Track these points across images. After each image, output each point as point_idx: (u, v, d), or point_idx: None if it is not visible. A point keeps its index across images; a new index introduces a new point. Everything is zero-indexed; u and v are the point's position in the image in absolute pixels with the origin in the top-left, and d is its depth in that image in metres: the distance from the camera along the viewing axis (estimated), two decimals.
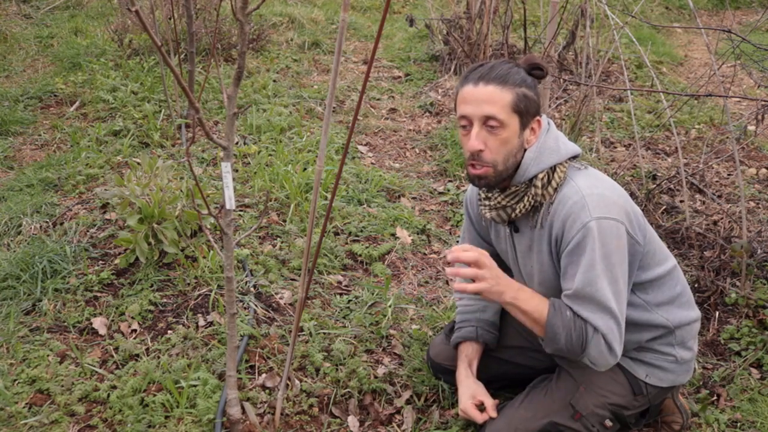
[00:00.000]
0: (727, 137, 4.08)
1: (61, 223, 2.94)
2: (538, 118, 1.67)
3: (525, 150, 1.66)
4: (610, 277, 1.58)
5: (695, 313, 1.82)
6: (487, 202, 1.75)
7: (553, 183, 1.65)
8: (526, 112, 1.63)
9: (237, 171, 3.46)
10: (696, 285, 2.59)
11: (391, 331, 2.39)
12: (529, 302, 1.63)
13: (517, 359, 2.02)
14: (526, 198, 1.67)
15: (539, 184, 1.65)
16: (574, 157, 1.71)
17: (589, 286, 1.58)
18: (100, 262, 2.69)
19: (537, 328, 1.66)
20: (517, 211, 1.69)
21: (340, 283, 2.69)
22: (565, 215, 1.61)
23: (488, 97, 1.59)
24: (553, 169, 1.66)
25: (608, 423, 1.78)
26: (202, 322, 2.37)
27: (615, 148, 4.13)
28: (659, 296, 1.74)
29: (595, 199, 1.59)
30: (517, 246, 1.80)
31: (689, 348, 1.81)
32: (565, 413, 1.75)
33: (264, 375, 2.15)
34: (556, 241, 1.66)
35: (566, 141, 1.71)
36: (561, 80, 4.13)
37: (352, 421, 2.01)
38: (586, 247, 1.57)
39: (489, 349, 2.02)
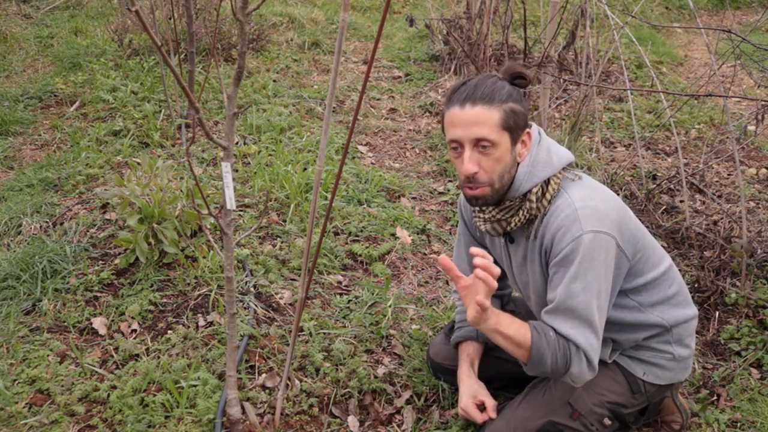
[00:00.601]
0: (727, 137, 4.08)
1: (61, 223, 2.94)
2: (527, 130, 1.66)
3: (518, 164, 1.66)
4: (597, 291, 1.59)
5: (692, 311, 1.82)
6: (481, 215, 1.74)
7: (548, 195, 1.65)
8: (516, 127, 1.62)
9: (237, 171, 3.46)
10: (696, 285, 2.59)
11: (391, 331, 2.39)
12: (511, 326, 1.61)
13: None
14: (521, 212, 1.68)
15: (534, 198, 1.65)
16: (569, 164, 1.71)
17: (572, 298, 1.58)
18: (100, 262, 2.69)
19: (520, 352, 1.63)
20: (512, 224, 1.70)
21: (340, 283, 2.69)
22: (556, 227, 1.61)
23: (476, 119, 1.58)
24: (546, 181, 1.66)
25: (607, 422, 1.78)
26: (202, 322, 2.37)
27: (615, 148, 4.13)
28: (653, 297, 1.75)
29: (588, 212, 1.59)
30: (512, 257, 1.81)
31: (687, 345, 1.81)
32: (564, 412, 1.75)
33: (264, 375, 2.15)
34: (545, 252, 1.66)
35: (558, 150, 1.70)
36: (561, 80, 4.13)
37: (352, 421, 2.01)
38: (575, 259, 1.57)
39: (489, 348, 2.02)
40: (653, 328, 1.76)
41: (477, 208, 1.75)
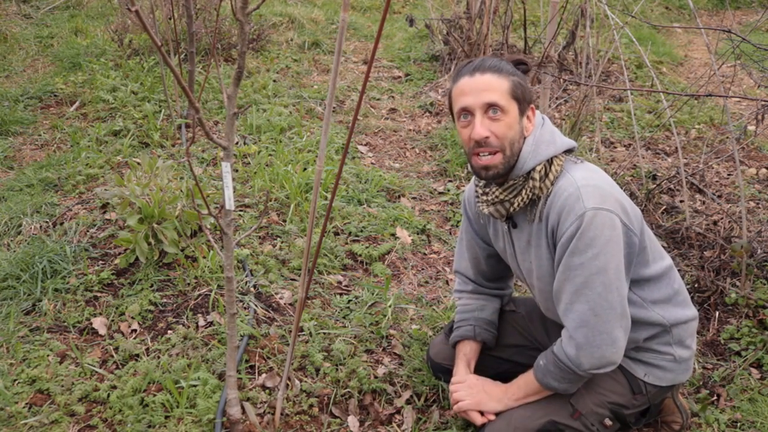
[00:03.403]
0: (727, 137, 4.08)
1: (61, 223, 2.94)
2: (532, 105, 1.70)
3: (524, 138, 1.69)
4: (599, 267, 1.58)
5: (692, 311, 1.82)
6: (485, 197, 1.76)
7: (551, 176, 1.66)
8: (523, 99, 1.66)
9: (237, 171, 3.46)
10: (696, 285, 2.59)
11: (391, 331, 2.39)
12: (522, 389, 1.80)
13: (516, 358, 2.02)
14: (524, 191, 1.68)
15: (537, 176, 1.66)
16: (570, 152, 1.73)
17: (570, 270, 1.61)
18: (100, 262, 2.69)
19: (543, 393, 1.79)
20: (516, 204, 1.70)
21: (340, 283, 2.69)
22: (560, 207, 1.62)
23: (487, 85, 1.62)
24: (550, 161, 1.68)
25: (608, 422, 1.78)
26: (202, 322, 2.37)
27: (615, 148, 4.13)
28: (656, 294, 1.75)
29: (590, 191, 1.60)
30: (515, 242, 1.81)
31: (687, 347, 1.81)
32: (565, 412, 1.75)
33: (264, 375, 2.15)
34: (552, 233, 1.67)
35: (561, 135, 1.73)
36: (561, 80, 4.13)
37: (352, 421, 2.01)
38: (575, 235, 1.58)
39: (488, 348, 2.02)
40: (654, 327, 1.76)
41: (480, 192, 1.77)
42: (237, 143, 3.81)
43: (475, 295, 2.05)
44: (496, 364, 2.02)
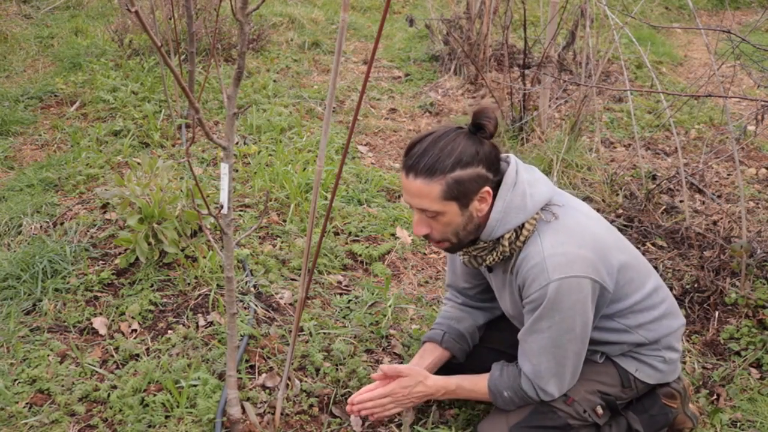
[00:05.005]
0: (727, 137, 4.08)
1: (61, 223, 2.94)
2: (487, 189, 1.64)
3: (478, 217, 1.67)
4: (558, 335, 1.66)
5: (679, 320, 1.87)
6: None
7: (521, 237, 1.67)
8: (463, 194, 1.61)
9: (237, 171, 3.46)
10: (696, 285, 2.59)
11: (391, 331, 2.39)
12: (464, 392, 1.85)
13: (511, 350, 2.03)
14: (494, 252, 1.72)
15: (506, 242, 1.68)
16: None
17: (530, 343, 1.71)
18: (100, 262, 2.69)
19: (484, 398, 1.85)
20: (488, 261, 1.75)
21: (340, 283, 2.69)
22: (524, 275, 1.66)
23: (418, 192, 1.62)
24: (521, 225, 1.67)
25: (599, 410, 1.81)
26: (202, 322, 2.37)
27: (615, 148, 4.13)
28: (639, 320, 1.79)
29: (557, 260, 1.61)
30: (493, 281, 1.87)
31: (676, 349, 1.86)
32: (560, 398, 1.78)
33: (264, 375, 2.15)
34: (519, 289, 1.72)
35: (535, 192, 1.67)
36: (561, 80, 4.12)
37: (355, 420, 2.01)
38: (539, 307, 1.64)
39: (482, 339, 2.06)
40: (643, 342, 1.82)
41: None
42: (237, 143, 3.81)
43: (461, 307, 2.07)
44: (492, 358, 2.03)
